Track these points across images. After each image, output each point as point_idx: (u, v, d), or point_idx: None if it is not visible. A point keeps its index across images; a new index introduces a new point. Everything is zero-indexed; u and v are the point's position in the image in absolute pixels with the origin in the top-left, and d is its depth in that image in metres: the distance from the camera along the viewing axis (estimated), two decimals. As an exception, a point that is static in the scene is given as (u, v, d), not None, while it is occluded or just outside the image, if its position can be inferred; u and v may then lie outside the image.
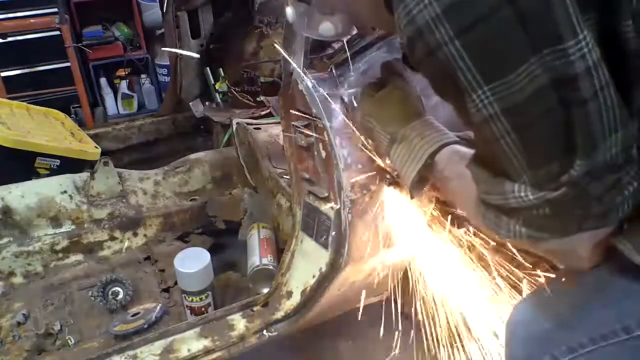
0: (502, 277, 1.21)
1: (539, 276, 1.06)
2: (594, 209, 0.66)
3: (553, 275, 0.96)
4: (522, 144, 0.66)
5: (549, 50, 0.60)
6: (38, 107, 2.43)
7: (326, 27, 0.93)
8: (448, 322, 1.48)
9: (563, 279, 0.86)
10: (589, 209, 0.66)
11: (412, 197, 1.02)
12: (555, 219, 0.68)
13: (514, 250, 1.11)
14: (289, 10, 0.94)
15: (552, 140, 0.64)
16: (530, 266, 1.11)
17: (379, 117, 1.03)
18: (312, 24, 0.93)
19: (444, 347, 1.59)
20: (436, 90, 0.75)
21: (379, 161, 1.21)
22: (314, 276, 1.40)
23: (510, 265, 1.20)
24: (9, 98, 2.78)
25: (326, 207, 1.33)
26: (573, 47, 0.60)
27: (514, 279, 1.20)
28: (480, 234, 1.13)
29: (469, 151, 0.89)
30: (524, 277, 1.16)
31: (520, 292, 1.15)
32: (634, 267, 0.72)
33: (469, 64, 0.63)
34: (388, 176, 1.24)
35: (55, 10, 3.19)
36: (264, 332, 1.44)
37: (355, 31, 1.14)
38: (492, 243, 1.12)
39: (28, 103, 2.46)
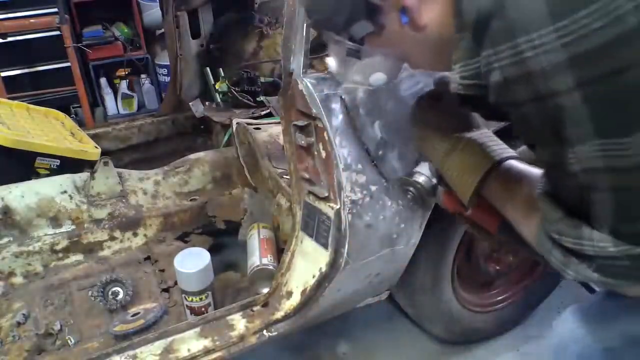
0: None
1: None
2: None
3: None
4: (617, 202, 0.62)
5: None
6: (38, 107, 2.43)
7: (378, 77, 0.85)
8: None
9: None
10: None
11: (467, 209, 0.96)
12: (632, 270, 0.64)
13: None
14: (332, 63, 0.87)
15: None
16: None
17: (438, 125, 0.97)
18: (363, 74, 0.86)
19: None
20: (521, 132, 0.69)
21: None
22: (314, 276, 1.40)
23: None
24: (9, 98, 2.78)
25: (326, 207, 1.33)
26: None
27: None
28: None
29: (525, 168, 0.86)
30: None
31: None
32: None
33: (583, 116, 0.56)
34: (412, 189, 1.22)
35: (55, 10, 3.18)
36: (264, 332, 1.44)
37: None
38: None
39: (28, 103, 2.46)
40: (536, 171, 0.83)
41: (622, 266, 0.64)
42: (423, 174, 1.20)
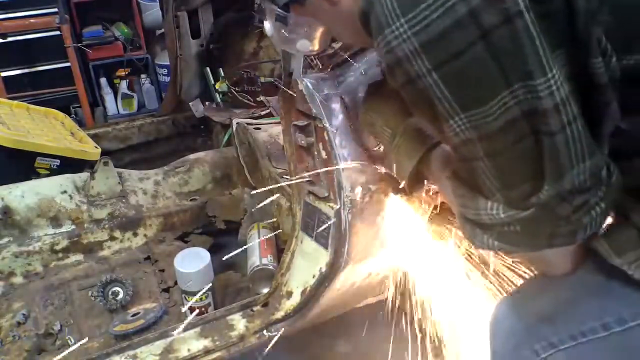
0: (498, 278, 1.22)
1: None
2: (562, 229, 0.69)
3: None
4: (495, 168, 0.69)
5: (520, 85, 0.63)
6: (38, 107, 2.43)
7: (303, 44, 0.96)
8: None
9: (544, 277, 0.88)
10: (557, 228, 0.69)
11: (409, 193, 1.04)
12: (525, 235, 0.71)
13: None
14: (267, 25, 0.95)
15: (523, 166, 0.68)
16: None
17: (381, 112, 1.04)
18: (290, 40, 0.95)
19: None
20: (415, 112, 0.78)
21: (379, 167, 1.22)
22: (314, 276, 1.40)
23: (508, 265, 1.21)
24: (9, 98, 2.78)
25: (326, 207, 1.33)
26: (542, 84, 0.62)
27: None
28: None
29: None
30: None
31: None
32: (612, 267, 0.75)
33: (446, 94, 0.65)
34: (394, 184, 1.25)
35: (55, 10, 3.19)
36: (264, 332, 1.44)
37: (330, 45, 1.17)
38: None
39: (28, 103, 2.46)
40: None
41: (515, 232, 0.71)
42: None
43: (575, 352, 0.77)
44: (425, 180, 1.05)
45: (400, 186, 1.11)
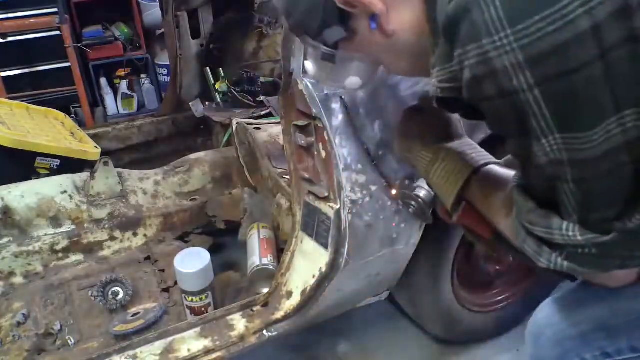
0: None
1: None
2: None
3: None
4: (581, 193, 0.65)
5: (632, 112, 0.59)
6: (38, 107, 2.43)
7: (353, 82, 0.87)
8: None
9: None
10: (635, 252, 0.66)
11: (451, 217, 0.99)
12: (599, 258, 0.68)
13: None
14: (310, 65, 0.88)
15: (613, 193, 0.64)
16: None
17: (420, 137, 1.00)
18: (338, 78, 0.87)
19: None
20: (493, 125, 0.72)
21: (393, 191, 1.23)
22: (314, 276, 1.40)
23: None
24: (9, 98, 2.78)
25: (326, 207, 1.33)
26: None
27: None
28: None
29: (504, 171, 0.89)
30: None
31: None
32: None
33: (545, 112, 0.60)
34: (413, 203, 1.25)
35: (55, 10, 3.18)
36: (264, 332, 1.44)
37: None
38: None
39: (28, 103, 2.46)
40: (513, 173, 0.86)
41: (590, 254, 0.67)
42: (424, 188, 1.22)
43: None
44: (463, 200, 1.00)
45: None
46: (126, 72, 3.95)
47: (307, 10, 0.76)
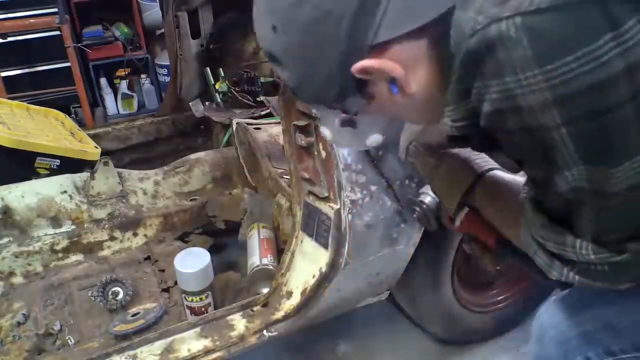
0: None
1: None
2: None
3: None
4: (599, 217, 0.65)
5: None
6: (38, 107, 2.43)
7: (375, 139, 0.85)
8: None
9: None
10: None
11: (452, 222, 0.99)
12: (611, 274, 0.68)
13: None
14: (328, 132, 0.85)
15: (630, 219, 0.65)
16: None
17: (427, 141, 1.00)
18: (358, 138, 0.85)
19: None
20: (512, 154, 0.71)
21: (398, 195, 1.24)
22: (314, 276, 1.40)
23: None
24: (9, 98, 2.78)
25: (326, 207, 1.33)
26: None
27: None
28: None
29: (509, 176, 0.89)
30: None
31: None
32: None
33: (570, 148, 0.59)
34: (417, 209, 1.25)
35: (55, 10, 3.18)
36: (264, 332, 1.44)
37: None
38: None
39: (28, 103, 2.46)
40: (519, 179, 0.86)
41: (602, 271, 0.68)
42: (428, 194, 1.23)
43: None
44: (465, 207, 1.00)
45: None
46: (126, 72, 3.95)
47: (323, 83, 0.72)
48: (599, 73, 0.54)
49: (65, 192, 1.85)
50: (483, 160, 0.95)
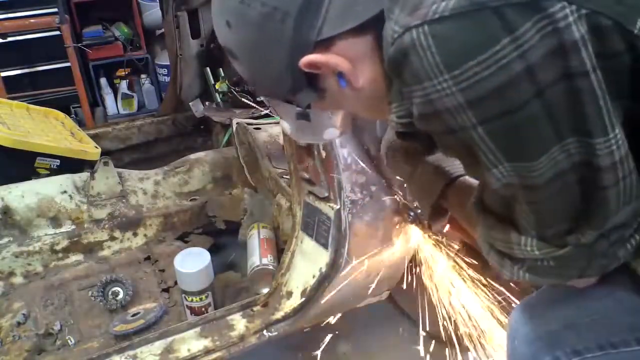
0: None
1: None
2: (597, 262, 0.69)
3: None
4: (534, 212, 0.67)
5: (573, 140, 0.60)
6: (38, 107, 2.43)
7: (332, 132, 0.89)
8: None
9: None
10: (592, 262, 0.69)
11: (429, 228, 1.03)
12: (558, 269, 0.70)
13: None
14: (285, 125, 0.89)
15: (564, 211, 0.66)
16: None
17: (405, 151, 1.04)
18: (315, 132, 0.89)
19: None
20: (447, 154, 0.75)
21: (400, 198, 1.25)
22: (314, 276, 1.40)
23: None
24: (9, 98, 2.77)
25: (326, 207, 1.33)
26: (601, 144, 0.60)
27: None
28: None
29: (475, 182, 0.90)
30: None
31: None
32: None
33: (491, 146, 0.62)
34: (412, 213, 1.27)
35: (55, 10, 3.18)
36: (264, 332, 1.44)
37: None
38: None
39: (28, 103, 2.46)
40: None
41: (548, 266, 0.70)
42: None
43: None
44: (446, 213, 1.04)
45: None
46: (126, 72, 3.95)
47: (274, 79, 0.76)
48: (500, 75, 0.57)
49: (65, 192, 1.85)
50: (453, 167, 0.98)
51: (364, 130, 1.29)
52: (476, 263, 1.10)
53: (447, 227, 1.06)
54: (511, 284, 1.31)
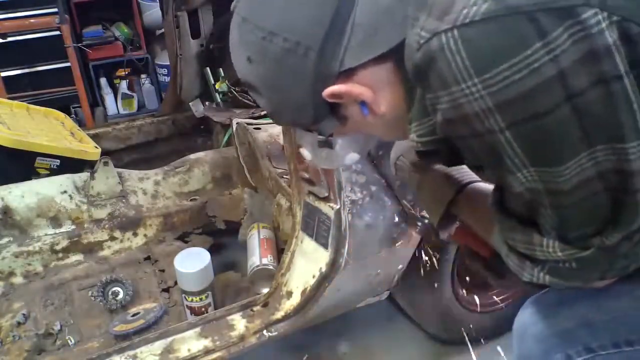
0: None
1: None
2: (619, 264, 0.68)
3: None
4: (559, 216, 0.67)
5: (603, 147, 0.60)
6: (38, 107, 2.43)
7: (353, 157, 0.90)
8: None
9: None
10: (614, 264, 0.68)
11: (437, 235, 1.03)
12: (580, 271, 0.70)
13: None
14: (307, 153, 0.89)
15: (590, 216, 0.66)
16: None
17: (413, 158, 1.04)
18: (337, 158, 0.89)
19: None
20: (469, 159, 0.75)
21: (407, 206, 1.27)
22: (314, 276, 1.40)
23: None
24: (9, 98, 2.77)
25: (326, 207, 1.33)
26: (635, 147, 0.60)
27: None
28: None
29: (487, 186, 0.91)
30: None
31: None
32: None
33: (517, 150, 0.62)
34: (419, 224, 1.27)
35: (55, 10, 3.18)
36: (264, 332, 1.44)
37: None
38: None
39: (28, 103, 2.46)
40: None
41: (570, 268, 0.69)
42: None
43: (615, 359, 0.76)
44: (455, 220, 1.03)
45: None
46: (126, 72, 3.95)
47: (297, 108, 0.76)
48: (531, 79, 0.57)
49: (65, 192, 1.85)
50: (464, 174, 0.98)
51: (395, 173, 1.30)
52: (478, 266, 1.09)
53: (453, 233, 1.06)
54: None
